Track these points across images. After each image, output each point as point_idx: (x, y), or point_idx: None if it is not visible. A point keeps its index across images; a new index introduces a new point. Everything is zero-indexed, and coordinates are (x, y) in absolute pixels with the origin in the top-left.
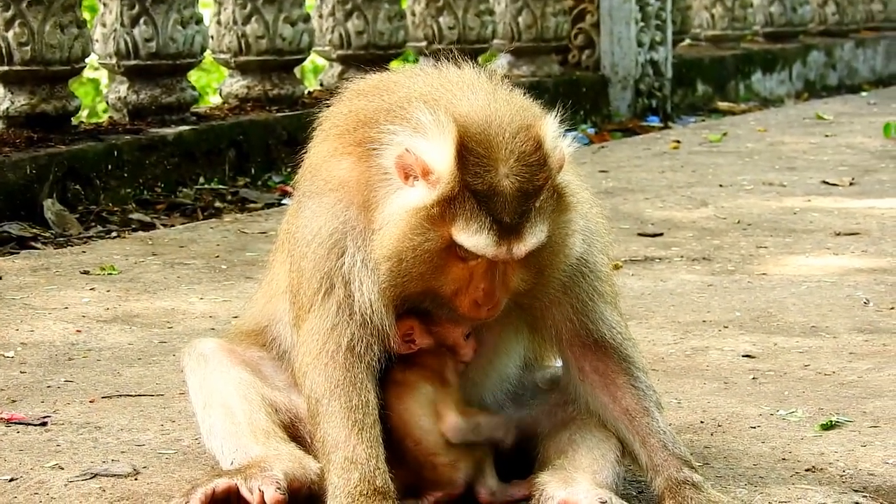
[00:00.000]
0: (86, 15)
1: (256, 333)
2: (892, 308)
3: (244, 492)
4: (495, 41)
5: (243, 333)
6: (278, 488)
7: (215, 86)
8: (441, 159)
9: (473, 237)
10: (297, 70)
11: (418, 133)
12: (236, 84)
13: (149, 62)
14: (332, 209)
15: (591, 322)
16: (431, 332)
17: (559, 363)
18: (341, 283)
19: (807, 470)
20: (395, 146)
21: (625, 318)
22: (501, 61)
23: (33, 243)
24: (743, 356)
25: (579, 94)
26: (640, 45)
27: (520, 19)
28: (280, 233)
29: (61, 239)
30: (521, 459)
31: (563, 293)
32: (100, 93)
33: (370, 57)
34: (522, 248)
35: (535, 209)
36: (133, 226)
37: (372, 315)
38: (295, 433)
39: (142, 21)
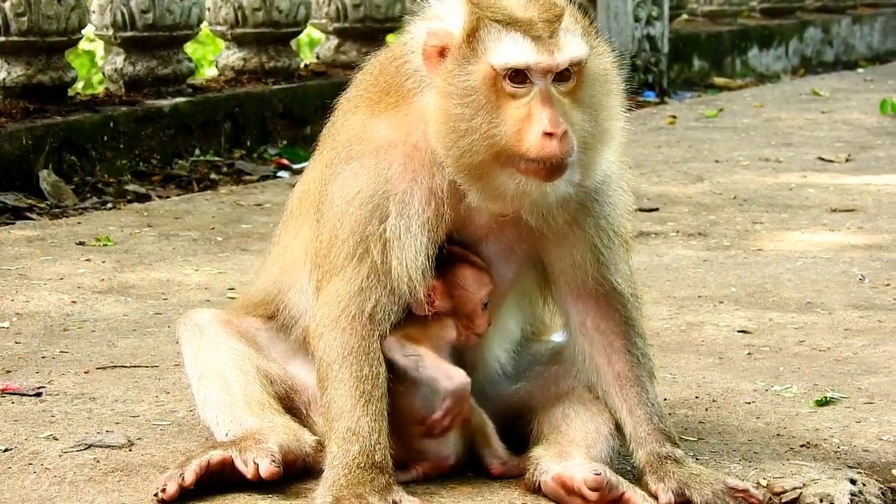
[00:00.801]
0: None
1: (266, 303)
2: (887, 284)
3: (239, 464)
4: None
5: (251, 304)
6: (273, 460)
7: (211, 58)
8: (456, 11)
9: (511, 51)
10: (293, 42)
11: (432, 19)
12: (233, 56)
13: (145, 34)
14: (373, 171)
15: (604, 267)
16: (452, 296)
17: (558, 337)
18: (379, 247)
19: (801, 446)
20: (417, 39)
21: (634, 278)
22: None
23: (29, 214)
24: (738, 332)
25: None
26: (636, 20)
27: None
28: (292, 203)
29: (57, 210)
30: (514, 434)
31: (591, 228)
32: (95, 64)
33: (367, 30)
34: (564, 54)
35: (563, 27)
36: (128, 197)
37: (408, 281)
38: (290, 405)
39: None
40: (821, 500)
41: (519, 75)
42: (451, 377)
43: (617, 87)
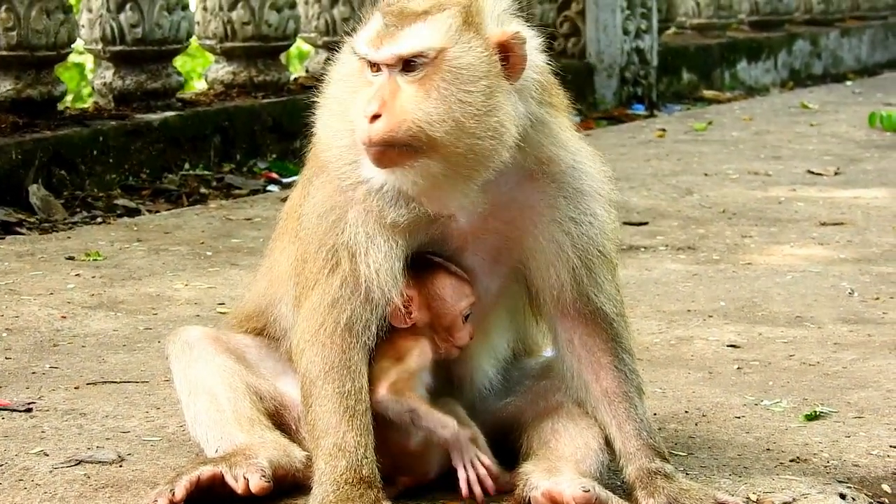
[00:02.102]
0: (71, 0)
1: (257, 316)
2: (876, 298)
3: (229, 479)
4: None
5: (243, 317)
6: (263, 476)
7: (200, 71)
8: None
9: (360, 39)
10: (282, 56)
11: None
12: (222, 70)
13: (134, 48)
14: (335, 182)
15: (590, 286)
16: (430, 307)
17: (549, 353)
18: (347, 256)
19: (791, 460)
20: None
21: (621, 292)
22: None
23: (18, 228)
24: (728, 346)
25: (564, 82)
26: (625, 32)
27: None
28: (280, 219)
29: (46, 224)
30: (504, 449)
31: (569, 248)
32: (85, 77)
33: None
34: (395, 47)
35: (423, 21)
36: (118, 212)
37: (378, 286)
38: (280, 421)
39: (128, 6)
40: None
41: (374, 65)
42: (446, 426)
43: (483, 84)
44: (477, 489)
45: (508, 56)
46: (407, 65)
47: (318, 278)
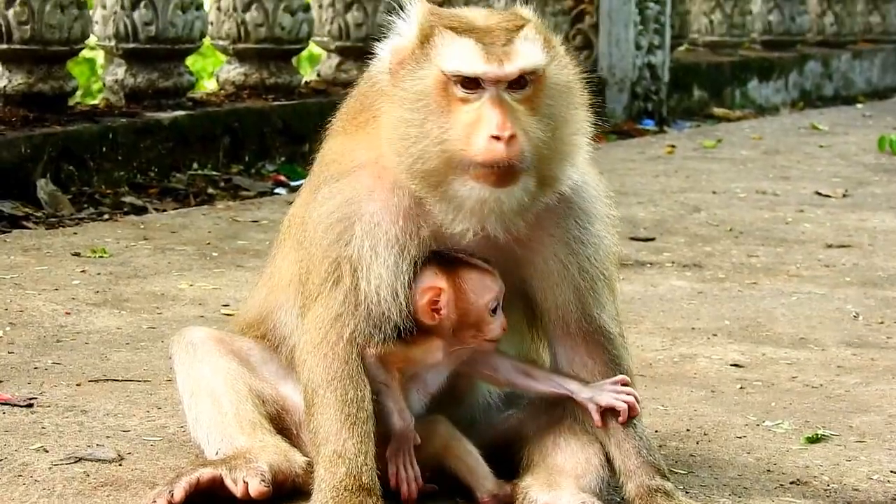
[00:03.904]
0: None
1: (258, 324)
2: (881, 322)
3: (228, 482)
4: None
5: (245, 324)
6: (263, 480)
7: (211, 70)
8: (413, 23)
9: (461, 58)
10: (294, 59)
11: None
12: (234, 71)
13: (147, 46)
14: (341, 194)
15: (593, 307)
16: (457, 304)
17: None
18: (349, 270)
19: (791, 482)
20: (384, 59)
21: (620, 317)
22: None
23: (25, 223)
24: (731, 365)
25: None
26: (638, 48)
27: None
28: (283, 225)
29: (53, 219)
30: (504, 462)
31: (575, 269)
32: (95, 73)
33: (369, 49)
34: (514, 64)
35: (521, 37)
36: (125, 209)
37: (378, 303)
38: (281, 425)
39: (142, 4)
40: None
41: (471, 82)
42: (403, 419)
43: (580, 102)
44: (404, 487)
45: None
46: (515, 82)
47: (322, 290)
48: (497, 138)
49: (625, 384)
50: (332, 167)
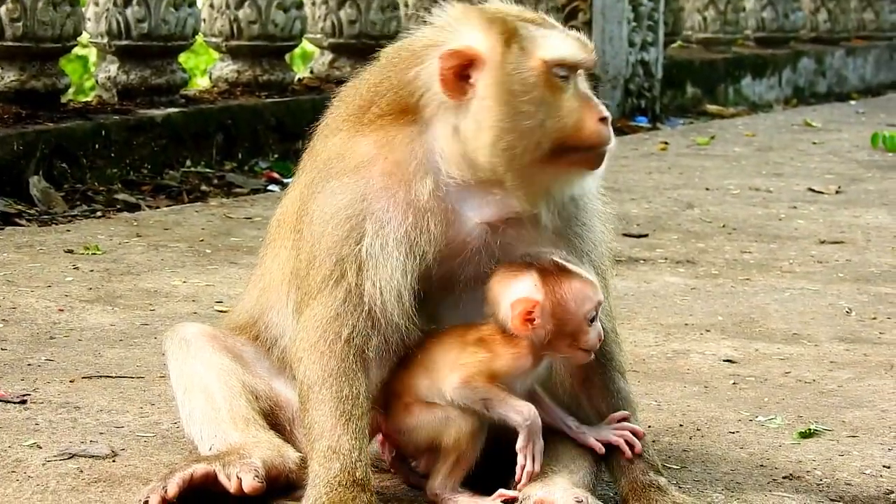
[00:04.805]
0: None
1: (249, 326)
2: (874, 318)
3: (222, 478)
4: None
5: (236, 327)
6: (256, 476)
7: (204, 67)
8: (468, 28)
9: (564, 46)
10: (287, 56)
11: (435, 45)
12: (227, 68)
13: (140, 43)
14: (351, 189)
15: None
16: (554, 314)
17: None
18: (355, 269)
19: (784, 477)
20: (432, 67)
21: (614, 313)
22: None
23: (18, 220)
24: (724, 361)
25: None
26: (631, 44)
27: None
28: (271, 226)
29: (46, 217)
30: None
31: None
32: (88, 70)
33: (362, 46)
34: (594, 53)
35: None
36: (118, 206)
37: (383, 303)
38: (274, 421)
39: (135, 2)
40: None
41: (564, 69)
42: (520, 411)
43: None
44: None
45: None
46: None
47: (322, 288)
48: (604, 120)
49: (624, 419)
50: (336, 162)
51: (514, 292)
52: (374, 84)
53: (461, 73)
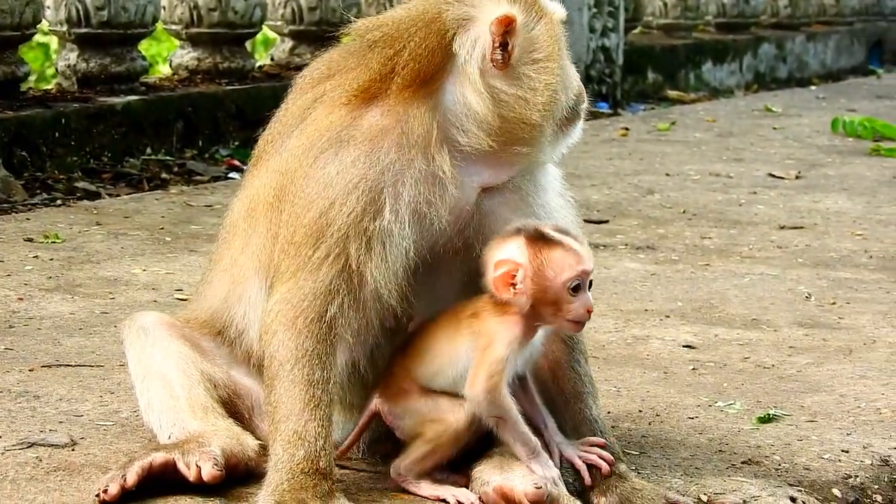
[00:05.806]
0: None
1: (213, 322)
2: (833, 303)
3: (181, 466)
4: None
5: (197, 323)
6: (215, 464)
7: (165, 55)
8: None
9: (562, 8)
10: (247, 44)
11: (467, 5)
12: (187, 56)
13: (100, 31)
14: (366, 161)
15: None
16: (534, 280)
17: None
18: (362, 245)
19: (743, 462)
20: (478, 46)
21: None
22: None
23: None
24: (683, 346)
25: None
26: (591, 30)
27: None
28: (233, 213)
29: (5, 205)
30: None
31: None
32: (49, 58)
33: (322, 33)
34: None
35: None
36: (78, 194)
37: (385, 283)
38: (233, 409)
39: None
40: None
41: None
42: (527, 444)
43: None
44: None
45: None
46: None
47: (314, 262)
48: None
49: (597, 445)
50: (342, 132)
51: (499, 255)
52: (387, 57)
53: (504, 40)
